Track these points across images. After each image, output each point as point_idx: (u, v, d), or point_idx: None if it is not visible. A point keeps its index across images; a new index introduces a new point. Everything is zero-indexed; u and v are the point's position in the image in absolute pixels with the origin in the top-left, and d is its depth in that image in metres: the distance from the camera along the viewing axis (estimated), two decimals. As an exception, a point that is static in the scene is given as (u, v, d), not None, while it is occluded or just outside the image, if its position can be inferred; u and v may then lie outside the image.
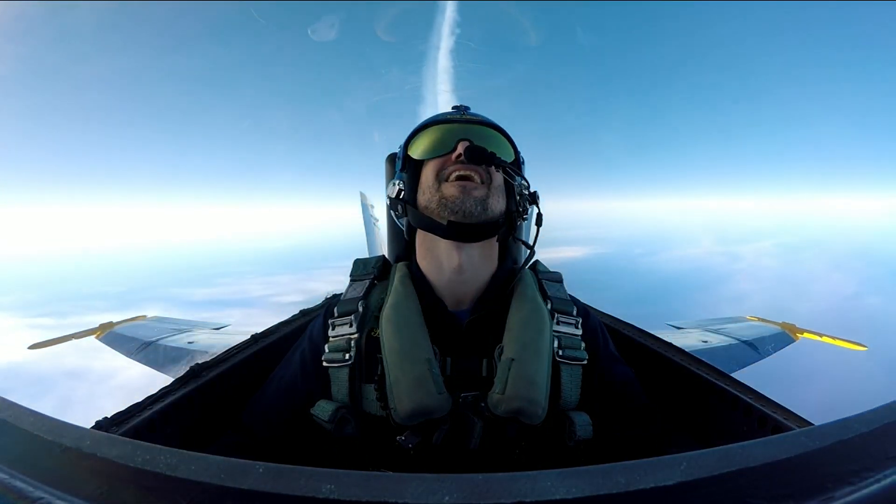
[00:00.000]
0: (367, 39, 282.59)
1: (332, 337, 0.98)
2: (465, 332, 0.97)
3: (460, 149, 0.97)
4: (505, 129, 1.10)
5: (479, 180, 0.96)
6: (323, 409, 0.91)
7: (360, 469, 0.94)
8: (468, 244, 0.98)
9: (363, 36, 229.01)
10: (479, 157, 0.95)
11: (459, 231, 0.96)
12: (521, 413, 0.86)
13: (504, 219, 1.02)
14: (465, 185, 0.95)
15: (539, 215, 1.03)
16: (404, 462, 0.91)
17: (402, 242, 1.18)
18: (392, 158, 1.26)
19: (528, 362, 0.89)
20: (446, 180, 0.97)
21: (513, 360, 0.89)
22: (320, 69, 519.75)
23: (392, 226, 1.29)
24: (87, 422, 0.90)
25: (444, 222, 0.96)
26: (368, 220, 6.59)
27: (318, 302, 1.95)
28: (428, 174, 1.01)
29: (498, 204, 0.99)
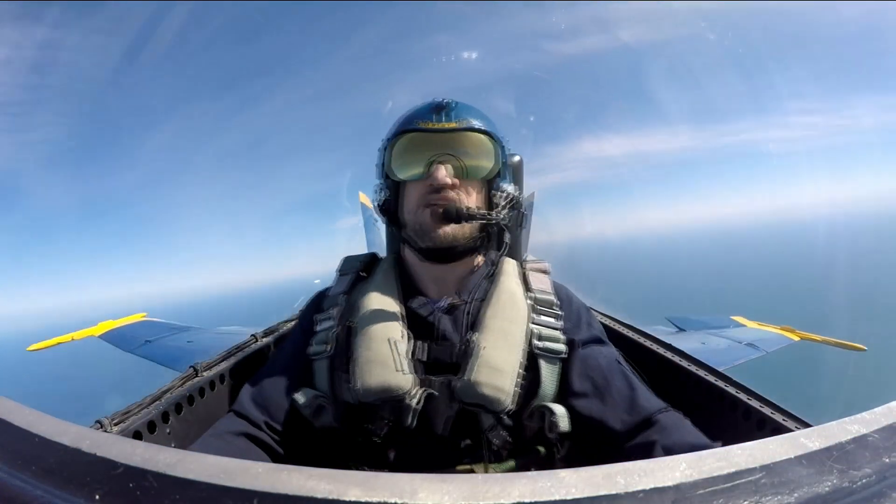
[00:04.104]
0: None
1: (318, 331, 1.02)
2: (443, 319, 0.98)
3: (436, 177, 0.95)
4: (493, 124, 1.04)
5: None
6: (301, 396, 0.94)
7: (338, 458, 0.96)
8: None
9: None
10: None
11: (436, 255, 1.01)
12: (485, 399, 0.87)
13: (481, 235, 1.03)
14: (439, 210, 0.96)
15: (522, 216, 1.09)
16: (375, 449, 0.92)
17: (402, 238, 1.19)
18: None
19: (496, 351, 0.90)
20: (424, 203, 0.98)
21: (483, 347, 0.90)
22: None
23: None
24: (87, 421, 0.91)
25: (422, 247, 1.00)
26: (368, 220, 6.58)
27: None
28: (410, 195, 1.01)
29: (472, 226, 0.99)
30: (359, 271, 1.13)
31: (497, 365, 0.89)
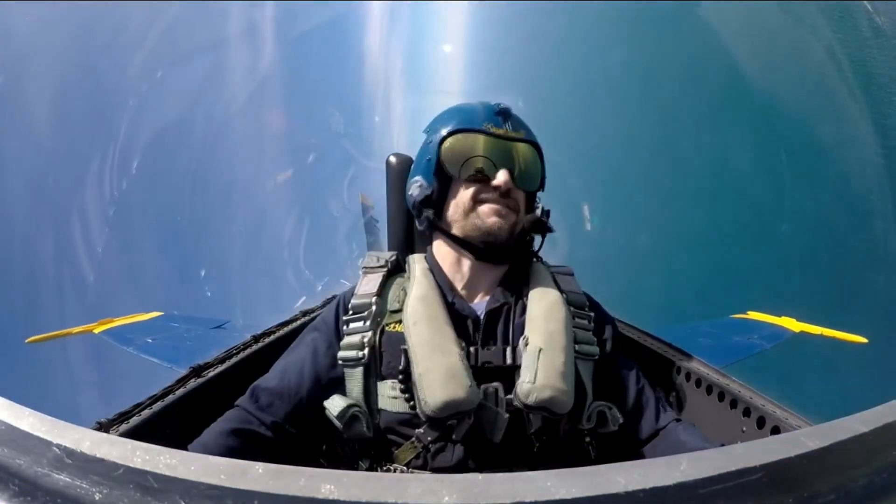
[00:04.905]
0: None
1: (346, 334, 0.97)
2: (484, 323, 0.97)
3: (500, 179, 0.98)
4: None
5: (511, 209, 1.02)
6: (334, 405, 0.90)
7: (370, 467, 0.94)
8: None
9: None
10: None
11: (491, 254, 1.02)
12: (552, 402, 0.85)
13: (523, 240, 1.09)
14: (500, 212, 1.00)
15: (549, 228, 1.10)
16: (420, 458, 0.90)
17: (403, 240, 1.19)
18: (390, 160, 1.27)
19: (556, 352, 0.89)
20: (481, 203, 1.00)
21: (541, 349, 0.88)
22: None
23: (393, 223, 1.29)
24: (88, 422, 0.91)
25: (478, 245, 1.01)
26: (369, 222, 6.60)
27: (320, 303, 1.96)
28: (462, 193, 1.02)
29: (519, 226, 1.05)
30: (388, 271, 1.07)
31: (558, 367, 0.87)
